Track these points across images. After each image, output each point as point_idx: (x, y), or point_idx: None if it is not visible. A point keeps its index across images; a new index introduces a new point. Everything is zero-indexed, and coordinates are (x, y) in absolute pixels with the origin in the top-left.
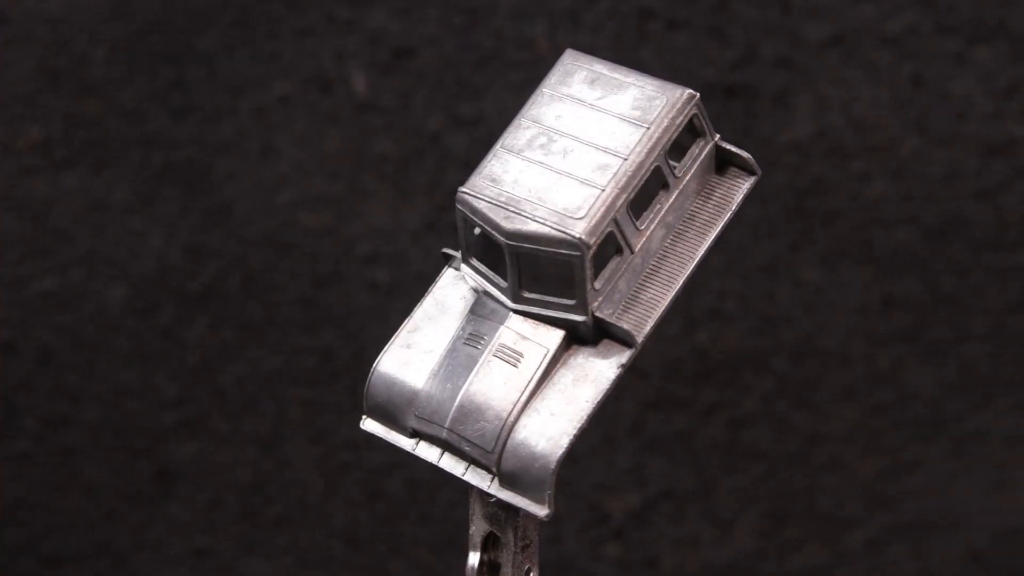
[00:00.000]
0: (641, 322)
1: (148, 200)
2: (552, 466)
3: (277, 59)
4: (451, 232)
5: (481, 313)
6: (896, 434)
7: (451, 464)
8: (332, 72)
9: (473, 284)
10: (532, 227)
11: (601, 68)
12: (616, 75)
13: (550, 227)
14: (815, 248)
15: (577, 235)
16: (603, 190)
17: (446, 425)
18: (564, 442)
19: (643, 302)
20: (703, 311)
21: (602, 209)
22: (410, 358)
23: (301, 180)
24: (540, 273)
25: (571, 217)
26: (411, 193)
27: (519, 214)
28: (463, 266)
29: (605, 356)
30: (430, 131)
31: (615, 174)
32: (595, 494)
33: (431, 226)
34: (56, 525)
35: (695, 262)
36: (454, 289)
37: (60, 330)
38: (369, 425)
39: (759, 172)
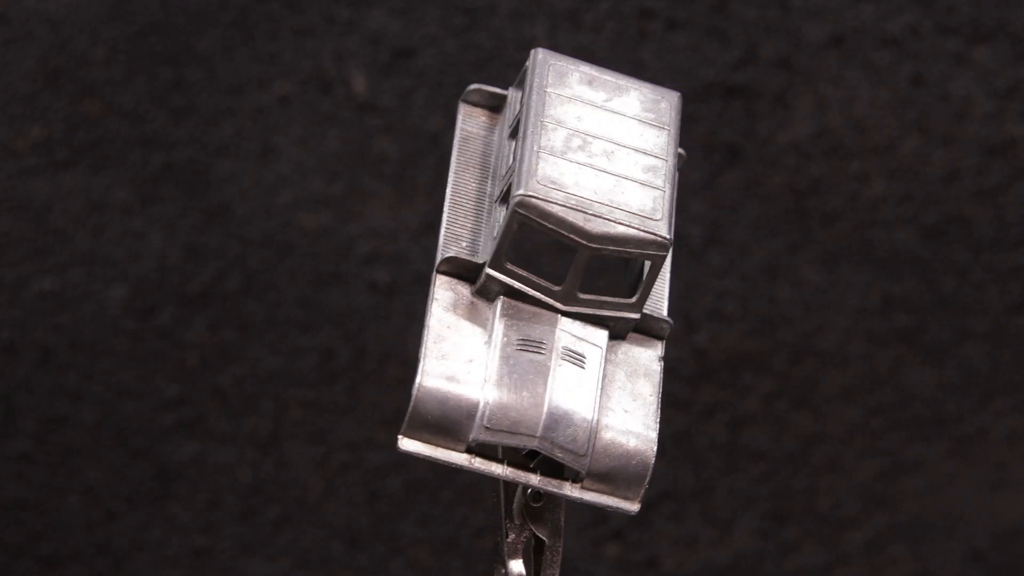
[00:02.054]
0: (660, 314)
1: (148, 200)
2: (652, 461)
3: (277, 59)
4: None
5: (521, 317)
6: (896, 434)
7: (520, 475)
8: (332, 72)
9: (496, 288)
10: (619, 230)
11: (588, 69)
12: (606, 77)
13: (636, 229)
14: (815, 248)
15: (665, 236)
16: (663, 191)
17: (538, 434)
18: (654, 436)
19: (651, 297)
20: (703, 311)
21: (669, 209)
22: (454, 370)
23: (301, 180)
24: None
25: (650, 218)
26: (411, 193)
27: (598, 217)
28: (489, 270)
29: (642, 350)
30: (430, 131)
31: (665, 175)
32: None
33: (431, 226)
34: (56, 525)
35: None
36: (457, 294)
37: (60, 330)
38: (408, 444)
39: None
